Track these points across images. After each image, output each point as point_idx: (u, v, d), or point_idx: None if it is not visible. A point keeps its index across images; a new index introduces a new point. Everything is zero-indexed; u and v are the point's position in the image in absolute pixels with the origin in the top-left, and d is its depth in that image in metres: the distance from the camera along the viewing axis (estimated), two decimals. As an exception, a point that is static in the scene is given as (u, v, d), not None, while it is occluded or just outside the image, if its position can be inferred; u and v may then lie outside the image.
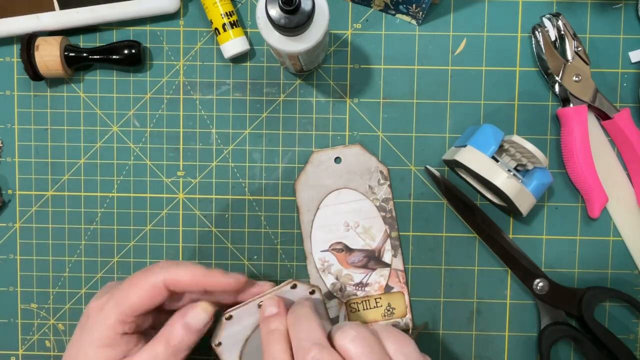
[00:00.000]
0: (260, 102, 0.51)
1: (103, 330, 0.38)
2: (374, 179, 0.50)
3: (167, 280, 0.38)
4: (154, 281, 0.38)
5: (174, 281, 0.38)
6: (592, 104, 0.48)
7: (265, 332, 0.38)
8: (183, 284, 0.39)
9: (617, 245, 0.50)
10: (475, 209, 0.50)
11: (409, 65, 0.50)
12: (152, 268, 0.39)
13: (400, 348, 0.36)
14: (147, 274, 0.39)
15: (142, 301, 0.38)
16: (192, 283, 0.39)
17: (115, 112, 0.51)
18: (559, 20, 0.48)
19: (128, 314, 0.38)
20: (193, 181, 0.51)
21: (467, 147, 0.45)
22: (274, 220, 0.51)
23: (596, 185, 0.48)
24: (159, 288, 0.38)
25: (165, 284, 0.38)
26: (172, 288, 0.39)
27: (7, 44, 0.51)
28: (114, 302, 0.38)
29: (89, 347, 0.38)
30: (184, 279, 0.39)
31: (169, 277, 0.38)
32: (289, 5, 0.36)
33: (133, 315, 0.38)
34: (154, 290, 0.38)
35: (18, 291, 0.52)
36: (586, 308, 0.48)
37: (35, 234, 0.51)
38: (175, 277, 0.38)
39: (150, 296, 0.38)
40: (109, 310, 0.38)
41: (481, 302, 0.51)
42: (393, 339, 0.36)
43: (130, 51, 0.49)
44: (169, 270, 0.39)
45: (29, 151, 0.51)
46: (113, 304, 0.38)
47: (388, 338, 0.36)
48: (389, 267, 0.50)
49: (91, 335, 0.38)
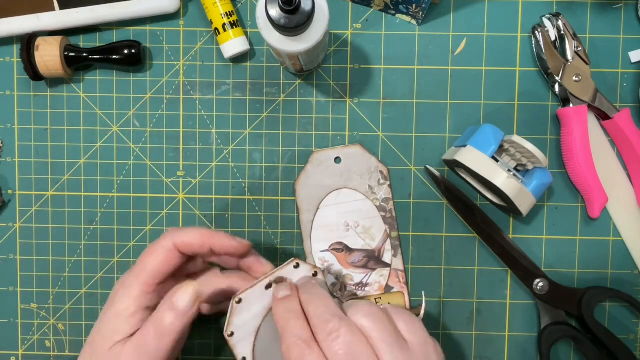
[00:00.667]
0: (260, 102, 0.51)
1: (127, 301, 0.40)
2: (374, 179, 0.50)
3: (177, 242, 0.41)
4: (165, 244, 0.41)
5: (183, 243, 0.41)
6: (592, 104, 0.48)
7: (281, 312, 0.39)
8: (192, 244, 0.41)
9: (617, 245, 0.50)
10: (475, 209, 0.50)
11: (409, 65, 0.50)
12: (162, 235, 0.42)
13: (409, 326, 0.38)
14: (159, 240, 0.41)
15: (159, 266, 0.41)
16: (200, 243, 0.41)
17: (115, 112, 0.51)
18: (559, 20, 0.48)
19: (149, 283, 0.40)
20: (193, 181, 0.51)
21: (467, 147, 0.45)
22: (274, 220, 0.51)
23: (596, 185, 0.48)
24: (172, 250, 0.41)
25: (176, 245, 0.41)
26: (182, 250, 0.41)
27: (7, 44, 0.51)
28: (134, 275, 0.41)
29: (114, 319, 0.40)
30: (192, 240, 0.41)
31: (178, 239, 0.41)
32: (289, 5, 0.36)
33: (154, 282, 0.40)
34: (168, 254, 0.41)
35: (18, 291, 0.52)
36: (586, 308, 0.48)
37: (35, 234, 0.51)
38: (184, 238, 0.41)
39: (166, 259, 0.41)
40: (131, 282, 0.41)
41: (481, 302, 0.51)
42: (403, 318, 0.38)
43: (130, 51, 0.49)
44: (177, 234, 0.41)
45: (29, 151, 0.51)
46: (134, 276, 0.41)
47: (398, 316, 0.38)
48: (389, 267, 0.50)
49: (116, 308, 0.40)
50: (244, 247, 0.42)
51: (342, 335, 0.35)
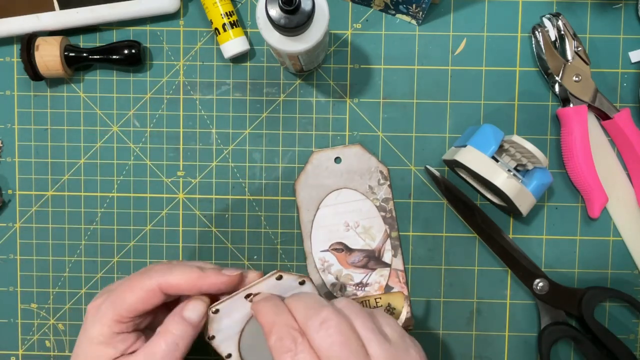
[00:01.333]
0: (260, 102, 0.51)
1: (98, 328, 0.38)
2: (374, 179, 0.50)
3: (162, 284, 0.39)
4: (149, 284, 0.39)
5: (169, 285, 0.39)
6: (592, 104, 0.48)
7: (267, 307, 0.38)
8: (178, 287, 0.39)
9: (617, 245, 0.50)
10: (475, 209, 0.50)
11: (409, 65, 0.50)
12: (149, 271, 0.40)
13: (387, 320, 0.38)
14: (143, 278, 0.39)
15: (137, 304, 0.38)
16: (187, 287, 0.39)
17: (115, 112, 0.51)
18: (559, 20, 0.48)
19: (124, 315, 0.38)
20: (193, 181, 0.51)
21: (467, 147, 0.45)
22: (274, 220, 0.51)
23: (596, 185, 0.48)
24: (154, 291, 0.39)
25: (160, 288, 0.39)
26: (167, 292, 0.39)
27: (7, 44, 0.51)
28: (110, 302, 0.39)
29: (86, 345, 0.39)
30: (179, 283, 0.39)
31: (163, 281, 0.39)
32: (289, 5, 0.36)
33: (129, 316, 0.39)
34: (149, 294, 0.39)
35: (18, 291, 0.52)
36: (586, 308, 0.48)
37: (35, 234, 0.51)
38: (170, 281, 0.39)
39: (146, 299, 0.39)
40: (105, 310, 0.39)
41: (481, 302, 0.51)
42: (380, 314, 0.39)
43: (130, 51, 0.49)
44: (164, 275, 0.39)
45: (29, 151, 0.51)
46: (109, 304, 0.39)
47: (376, 313, 0.39)
48: (388, 267, 0.50)
49: (88, 334, 0.39)
50: (233, 280, 0.40)
51: (334, 325, 0.35)
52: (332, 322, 0.35)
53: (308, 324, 0.36)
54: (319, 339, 0.35)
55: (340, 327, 0.35)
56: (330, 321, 0.35)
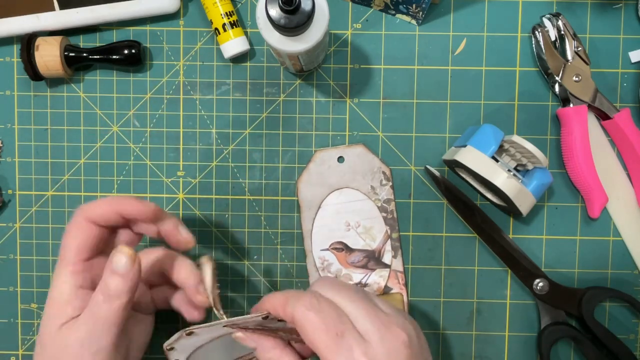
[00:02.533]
0: (260, 102, 0.51)
1: (59, 286, 0.40)
2: (377, 179, 0.50)
3: (88, 215, 0.41)
4: (78, 221, 0.41)
5: (95, 214, 0.41)
6: (592, 104, 0.48)
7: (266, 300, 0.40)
8: (102, 214, 0.41)
9: (617, 245, 0.50)
10: (475, 209, 0.50)
11: (409, 65, 0.50)
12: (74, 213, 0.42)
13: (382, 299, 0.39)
14: (71, 220, 0.41)
15: (78, 242, 0.40)
16: (109, 210, 0.41)
17: (115, 112, 0.51)
18: (559, 20, 0.48)
19: (74, 261, 0.40)
20: (193, 181, 0.51)
21: (467, 147, 0.45)
22: (274, 220, 0.51)
23: (596, 185, 0.48)
24: (87, 224, 0.41)
25: (89, 219, 0.41)
26: (96, 221, 0.41)
27: (7, 44, 0.51)
28: (59, 260, 0.41)
29: (52, 307, 0.40)
30: (101, 210, 0.41)
31: (89, 212, 0.41)
32: (289, 5, 0.36)
33: (79, 260, 0.40)
34: (83, 228, 0.41)
35: (18, 291, 0.52)
36: (586, 308, 0.48)
37: (35, 234, 0.51)
38: (94, 210, 0.41)
39: (83, 235, 0.41)
40: (59, 268, 0.41)
41: (481, 302, 0.51)
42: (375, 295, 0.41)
43: (130, 51, 0.49)
44: (87, 208, 0.41)
45: (29, 151, 0.51)
46: (59, 262, 0.41)
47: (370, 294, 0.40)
48: (388, 268, 0.50)
49: (51, 296, 0.40)
50: (151, 209, 0.42)
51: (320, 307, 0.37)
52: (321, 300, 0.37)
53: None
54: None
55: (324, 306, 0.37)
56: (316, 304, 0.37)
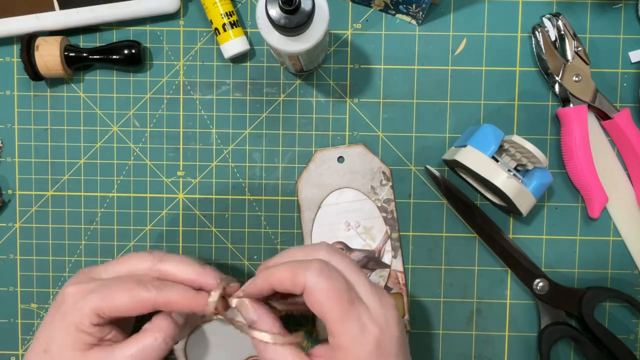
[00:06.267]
0: (260, 102, 0.51)
1: (77, 317, 0.38)
2: (377, 179, 0.50)
3: (158, 302, 0.38)
4: (146, 297, 0.38)
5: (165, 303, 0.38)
6: (592, 104, 0.48)
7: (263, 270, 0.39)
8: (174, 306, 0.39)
9: (617, 245, 0.50)
10: (475, 209, 0.50)
11: (409, 65, 0.50)
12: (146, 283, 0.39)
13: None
14: (139, 288, 0.38)
15: (127, 310, 0.38)
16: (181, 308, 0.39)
17: (115, 112, 0.51)
18: (559, 20, 0.48)
19: (108, 314, 0.38)
20: (193, 181, 0.51)
21: (467, 147, 0.45)
22: (274, 220, 0.51)
23: (596, 185, 0.48)
24: (148, 305, 0.38)
25: (155, 305, 0.38)
26: (160, 309, 0.39)
27: (7, 44, 0.51)
28: (98, 296, 0.38)
29: (63, 329, 0.38)
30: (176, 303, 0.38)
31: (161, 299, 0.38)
32: (289, 5, 0.36)
33: (112, 316, 0.38)
34: (142, 305, 0.38)
35: (18, 291, 0.52)
36: (586, 308, 0.48)
37: (35, 234, 0.51)
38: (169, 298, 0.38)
39: (137, 309, 0.38)
40: (91, 301, 0.38)
41: (481, 302, 0.51)
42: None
43: (130, 51, 0.49)
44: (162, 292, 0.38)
45: (29, 151, 0.51)
46: (98, 297, 0.38)
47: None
48: (388, 268, 0.50)
49: (64, 320, 0.38)
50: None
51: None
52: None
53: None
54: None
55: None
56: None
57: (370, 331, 0.35)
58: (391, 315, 0.37)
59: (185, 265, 0.40)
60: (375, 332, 0.35)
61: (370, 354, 0.35)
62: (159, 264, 0.40)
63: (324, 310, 0.35)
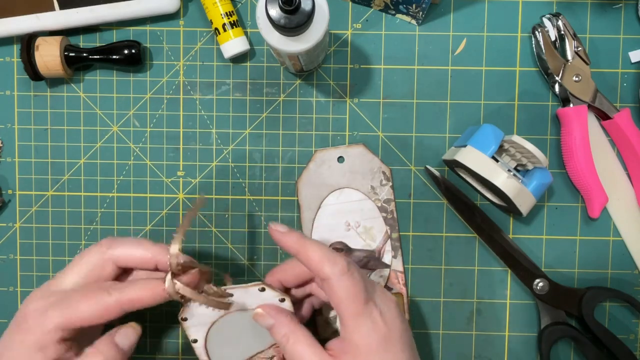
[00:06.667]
0: (260, 102, 0.51)
1: (40, 334, 0.37)
2: (377, 179, 0.50)
3: (122, 302, 0.38)
4: (108, 301, 0.37)
5: (129, 303, 0.38)
6: (592, 104, 0.48)
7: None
8: (138, 305, 0.38)
9: (617, 245, 0.50)
10: (475, 209, 0.50)
11: (409, 65, 0.50)
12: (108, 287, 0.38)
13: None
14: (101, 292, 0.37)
15: (92, 318, 0.37)
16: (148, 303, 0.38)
17: (115, 112, 0.51)
18: (559, 20, 0.48)
19: (75, 325, 0.37)
20: (193, 181, 0.51)
21: (467, 147, 0.45)
22: (274, 220, 0.51)
23: (596, 185, 0.48)
24: (113, 309, 0.37)
25: (121, 306, 0.38)
26: (127, 309, 0.38)
27: (7, 44, 0.51)
28: (59, 310, 0.37)
29: (20, 347, 0.37)
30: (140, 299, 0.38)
31: (124, 301, 0.38)
32: (289, 5, 0.36)
33: (80, 327, 0.37)
34: (108, 311, 0.37)
35: (18, 291, 0.52)
36: (586, 308, 0.48)
37: (35, 234, 0.51)
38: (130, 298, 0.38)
39: (103, 315, 0.37)
40: (52, 317, 0.37)
41: (481, 302, 0.51)
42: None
43: (130, 51, 0.49)
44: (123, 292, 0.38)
45: (29, 151, 0.51)
46: (58, 311, 0.37)
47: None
48: (388, 268, 0.50)
49: (25, 337, 0.37)
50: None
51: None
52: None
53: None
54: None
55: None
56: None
57: (380, 328, 0.38)
58: (396, 311, 0.40)
59: (136, 245, 0.40)
60: (384, 329, 0.38)
61: (378, 346, 0.38)
62: (109, 251, 0.40)
63: (341, 306, 0.38)
